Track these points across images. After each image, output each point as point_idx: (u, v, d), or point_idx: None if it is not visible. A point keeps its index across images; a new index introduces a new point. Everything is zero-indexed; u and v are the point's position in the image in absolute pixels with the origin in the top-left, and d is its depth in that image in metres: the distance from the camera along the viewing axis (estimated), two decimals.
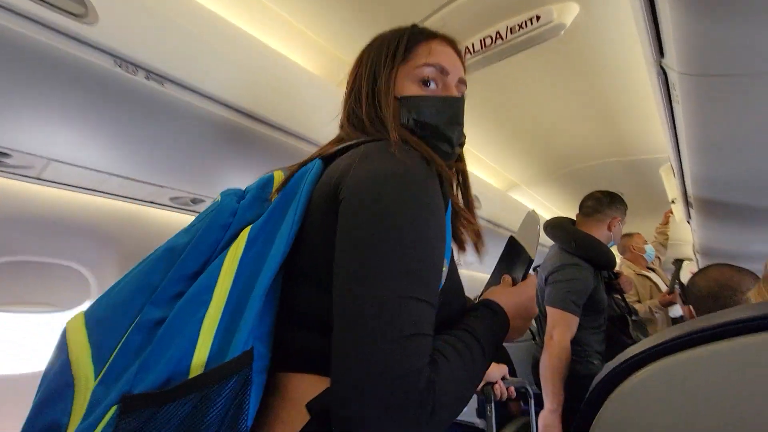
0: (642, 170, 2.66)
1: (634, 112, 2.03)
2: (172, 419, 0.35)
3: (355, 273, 0.39)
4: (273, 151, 1.13)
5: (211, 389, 0.36)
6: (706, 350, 0.28)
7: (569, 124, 2.21)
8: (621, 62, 1.63)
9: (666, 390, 0.27)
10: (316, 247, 0.46)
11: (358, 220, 0.42)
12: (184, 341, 0.39)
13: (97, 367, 0.40)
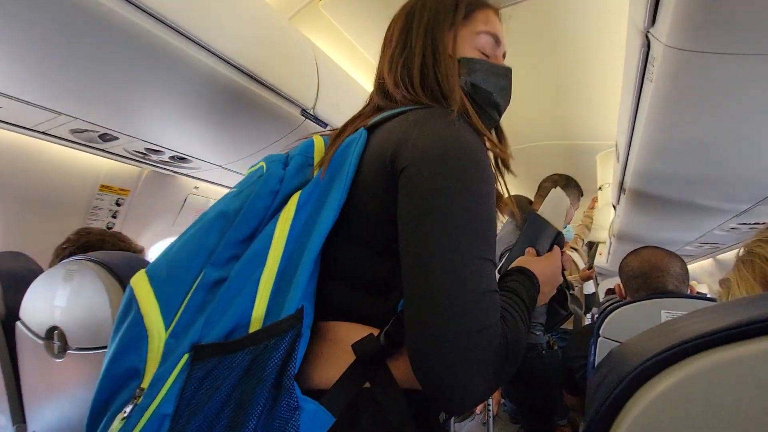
0: (579, 155, 2.80)
1: (582, 98, 2.08)
2: (237, 367, 0.41)
3: (435, 237, 0.42)
4: (204, 82, 0.94)
5: (270, 342, 0.41)
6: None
7: (522, 103, 2.21)
8: (579, 41, 1.62)
9: (722, 389, 0.20)
10: (368, 214, 0.49)
11: (429, 188, 0.43)
12: (244, 299, 0.44)
13: (166, 321, 0.44)
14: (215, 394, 0.40)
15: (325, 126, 1.30)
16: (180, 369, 0.41)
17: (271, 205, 0.50)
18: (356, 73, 1.69)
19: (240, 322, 0.43)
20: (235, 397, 0.40)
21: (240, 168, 1.52)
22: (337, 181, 0.49)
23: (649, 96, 0.93)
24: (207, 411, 0.40)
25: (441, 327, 0.39)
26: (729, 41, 0.66)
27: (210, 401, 0.40)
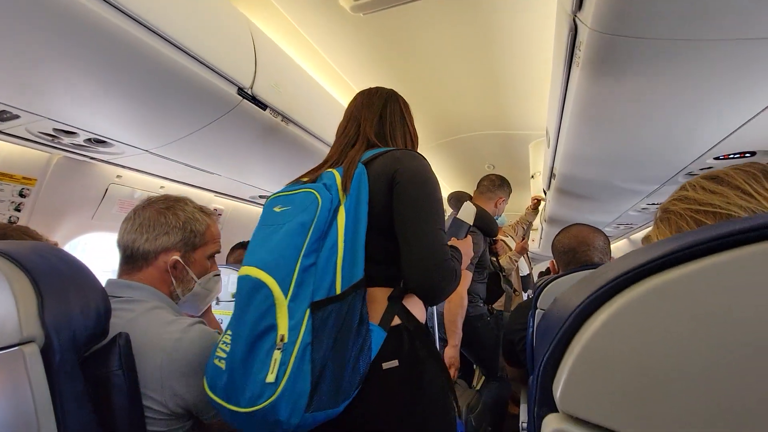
0: (514, 144, 2.96)
1: (516, 89, 2.19)
2: (340, 310, 0.71)
3: (420, 218, 0.79)
4: (126, 53, 0.85)
5: (353, 297, 0.73)
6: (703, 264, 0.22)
7: (458, 94, 2.28)
8: (512, 34, 1.71)
9: (655, 312, 0.21)
10: (380, 211, 0.81)
11: (413, 193, 0.80)
12: (330, 276, 0.72)
13: (284, 292, 0.70)
14: (332, 326, 0.69)
15: (264, 108, 1.24)
16: (307, 318, 0.68)
17: (329, 217, 0.76)
18: (300, 58, 1.63)
19: (332, 288, 0.72)
20: (340, 326, 0.70)
21: (170, 153, 1.40)
22: (362, 195, 0.79)
23: (576, 80, 1.00)
24: (329, 336, 0.69)
25: (428, 259, 0.77)
26: (648, 26, 0.73)
27: (329, 330, 0.69)
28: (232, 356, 0.68)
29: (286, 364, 0.65)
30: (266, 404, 0.64)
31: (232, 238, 2.32)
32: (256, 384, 0.65)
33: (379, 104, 0.97)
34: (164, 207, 0.87)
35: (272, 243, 0.74)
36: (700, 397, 0.24)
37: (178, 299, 0.89)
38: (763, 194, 0.46)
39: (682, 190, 0.55)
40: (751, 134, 1.16)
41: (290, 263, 0.71)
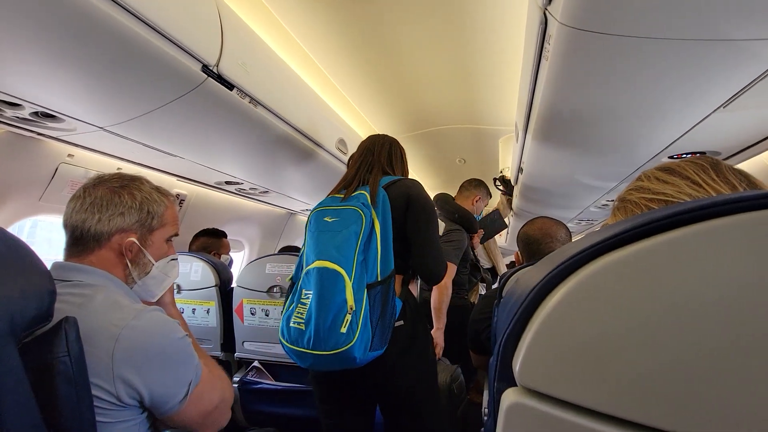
0: (484, 139, 3.01)
1: (487, 84, 2.22)
2: (381, 291, 1.04)
3: (428, 230, 1.16)
4: (76, 18, 0.78)
5: (389, 281, 1.06)
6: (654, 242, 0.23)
7: (430, 88, 2.29)
8: (485, 29, 1.72)
9: (612, 287, 0.22)
10: (397, 224, 1.13)
11: (424, 213, 1.16)
12: (374, 267, 1.05)
13: (349, 277, 1.00)
14: (378, 300, 1.03)
15: (231, 88, 1.19)
16: (365, 294, 1.01)
17: (370, 227, 1.08)
18: (271, 40, 1.57)
19: (376, 275, 1.04)
20: (383, 298, 1.04)
21: (128, 132, 1.32)
22: (386, 212, 1.11)
23: (544, 73, 1.03)
24: (376, 305, 1.02)
25: (430, 259, 1.15)
26: (614, 22, 0.75)
27: (377, 302, 1.02)
28: (317, 319, 0.98)
29: (356, 323, 0.98)
30: (345, 348, 0.96)
31: (195, 225, 2.24)
32: (338, 336, 0.96)
33: (388, 145, 1.31)
34: (118, 186, 0.82)
35: (337, 244, 1.05)
36: (647, 367, 0.25)
37: (134, 283, 0.84)
38: (710, 184, 0.49)
39: (638, 181, 0.58)
40: (702, 135, 1.23)
41: (350, 259, 1.02)
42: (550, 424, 0.27)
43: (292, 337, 1.02)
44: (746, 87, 0.93)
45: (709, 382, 0.24)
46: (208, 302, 1.76)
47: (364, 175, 1.21)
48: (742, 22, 0.72)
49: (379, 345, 1.02)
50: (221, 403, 0.83)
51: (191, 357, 0.77)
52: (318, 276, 1.02)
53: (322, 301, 0.99)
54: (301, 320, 1.01)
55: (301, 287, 1.07)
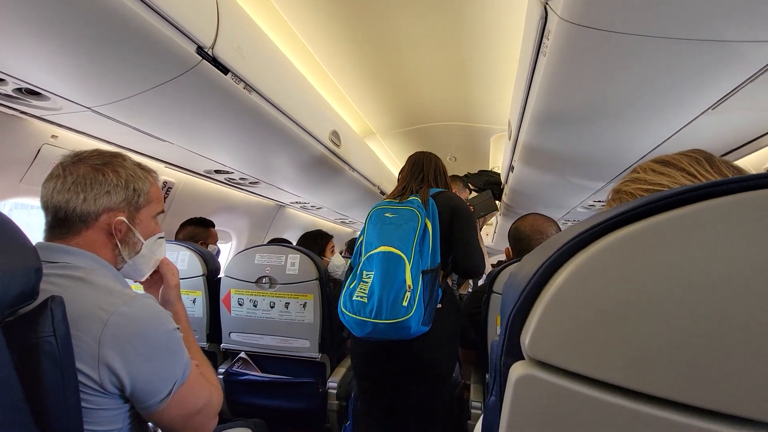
0: (475, 137, 3.03)
1: (482, 81, 2.24)
2: (431, 277, 1.23)
3: (470, 234, 1.38)
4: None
5: (436, 271, 1.26)
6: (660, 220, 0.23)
7: (425, 84, 2.29)
8: (482, 27, 1.73)
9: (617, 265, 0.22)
10: (443, 228, 1.35)
11: (467, 221, 1.39)
12: (427, 258, 1.25)
13: (408, 260, 1.19)
14: (428, 284, 1.22)
15: (226, 72, 1.16)
16: (420, 278, 1.20)
17: (423, 225, 1.27)
18: (267, 27, 1.54)
19: (427, 264, 1.24)
20: (432, 284, 1.23)
21: (117, 113, 1.28)
22: (435, 217, 1.31)
23: (542, 69, 1.04)
24: (427, 288, 1.21)
25: (473, 257, 1.36)
26: (614, 19, 0.76)
27: (428, 286, 1.21)
28: (381, 293, 1.17)
29: (413, 299, 1.16)
30: (404, 319, 1.14)
31: (182, 214, 2.19)
32: (400, 309, 1.15)
33: (434, 162, 1.55)
34: (101, 163, 0.79)
35: (399, 235, 1.24)
36: (654, 339, 0.26)
37: (123, 263, 0.82)
38: (705, 176, 0.51)
39: (634, 173, 0.59)
40: (690, 136, 1.26)
41: (410, 247, 1.21)
42: (559, 394, 0.28)
43: (355, 309, 1.20)
44: (735, 89, 0.96)
45: (715, 353, 0.25)
46: (194, 292, 1.73)
47: (415, 186, 1.45)
48: (734, 22, 0.74)
49: (427, 321, 1.21)
50: (206, 409, 0.80)
51: (179, 352, 0.75)
52: (383, 258, 1.21)
53: (386, 279, 1.18)
54: (364, 295, 1.20)
55: (362, 269, 1.26)
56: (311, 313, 1.60)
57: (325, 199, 3.00)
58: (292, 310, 1.61)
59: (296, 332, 1.62)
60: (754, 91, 0.96)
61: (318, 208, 3.30)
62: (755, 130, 1.20)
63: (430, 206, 1.32)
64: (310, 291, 1.60)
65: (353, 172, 2.36)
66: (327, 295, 1.63)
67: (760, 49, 0.80)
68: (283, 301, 1.62)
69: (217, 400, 0.85)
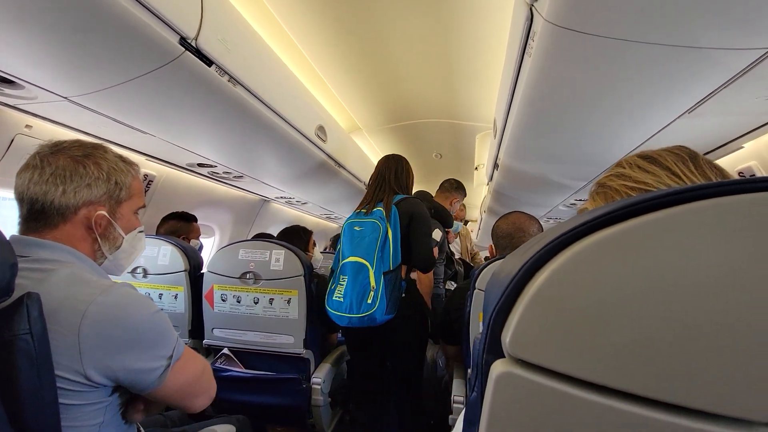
0: (461, 135, 3.05)
1: (468, 79, 2.25)
2: (393, 276, 1.52)
3: (423, 238, 1.62)
4: None
5: (397, 269, 1.54)
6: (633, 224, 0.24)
7: (411, 80, 2.29)
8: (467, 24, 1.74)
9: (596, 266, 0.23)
10: (403, 232, 1.59)
11: (422, 225, 1.63)
12: (388, 261, 1.51)
13: (370, 266, 1.49)
14: (390, 282, 1.49)
15: (210, 64, 1.14)
16: (382, 279, 1.47)
17: (385, 234, 1.52)
18: (253, 20, 1.51)
19: (389, 266, 1.50)
20: (393, 281, 1.51)
21: (95, 104, 1.24)
22: (396, 223, 1.57)
23: (527, 70, 1.05)
24: (389, 286, 1.49)
25: (423, 255, 1.62)
26: (597, 23, 0.78)
27: (390, 283, 1.49)
28: (351, 294, 1.47)
29: (376, 296, 1.45)
30: (370, 312, 1.44)
31: (164, 208, 2.15)
32: (366, 305, 1.45)
33: (394, 167, 1.74)
34: (81, 155, 0.76)
35: (364, 246, 1.52)
36: (629, 338, 0.27)
37: (104, 258, 0.80)
38: (688, 176, 0.52)
39: (619, 167, 0.59)
40: (667, 139, 1.30)
41: (372, 255, 1.49)
42: (537, 391, 0.29)
43: (335, 306, 1.51)
44: (710, 94, 1.00)
45: (682, 352, 0.26)
46: (176, 287, 1.70)
47: (380, 195, 1.68)
48: (710, 31, 0.77)
49: (391, 311, 1.49)
50: (205, 374, 0.82)
51: (168, 331, 0.74)
52: (352, 267, 1.51)
53: (355, 283, 1.48)
54: (341, 295, 1.51)
55: (339, 274, 1.56)
56: (295, 309, 1.59)
57: (311, 195, 2.98)
58: (276, 306, 1.60)
59: (280, 328, 1.61)
60: (728, 96, 0.99)
61: (303, 203, 3.27)
62: (729, 133, 1.25)
63: (393, 214, 1.58)
64: (294, 287, 1.59)
65: (339, 167, 2.35)
66: (311, 291, 1.62)
67: (733, 57, 0.83)
68: (267, 297, 1.60)
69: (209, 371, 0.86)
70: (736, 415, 0.27)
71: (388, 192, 1.68)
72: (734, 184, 0.26)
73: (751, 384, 0.26)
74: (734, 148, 1.35)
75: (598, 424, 0.28)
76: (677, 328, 0.26)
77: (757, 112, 1.09)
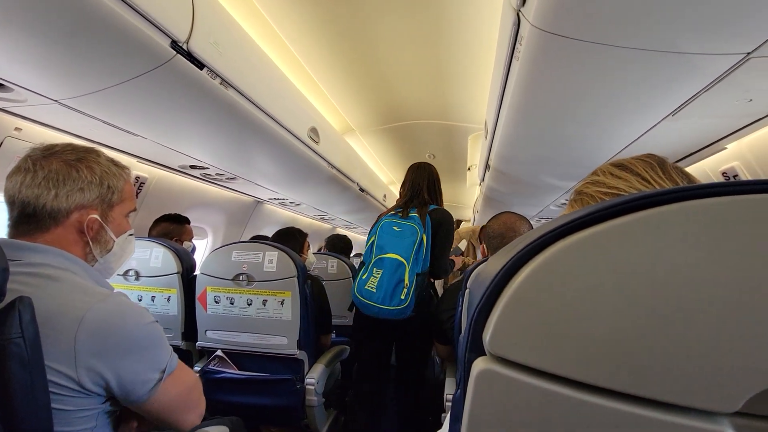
0: (454, 136, 3.07)
1: (461, 81, 2.27)
2: (422, 277, 1.68)
3: (443, 247, 1.78)
4: None
5: (426, 273, 1.72)
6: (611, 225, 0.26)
7: (405, 82, 2.31)
8: (460, 27, 1.76)
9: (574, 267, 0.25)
10: (433, 239, 1.74)
11: (446, 237, 1.79)
12: (421, 264, 1.68)
13: (407, 265, 1.64)
14: (421, 282, 1.67)
15: (201, 67, 1.15)
16: (415, 278, 1.63)
17: (420, 238, 1.67)
18: (245, 23, 1.52)
19: (419, 268, 1.66)
20: (421, 283, 1.68)
21: (86, 107, 1.24)
22: (429, 231, 1.71)
23: (515, 74, 1.07)
24: (419, 286, 1.65)
25: (443, 263, 1.79)
26: (581, 28, 0.79)
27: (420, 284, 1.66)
28: (387, 287, 1.60)
29: (408, 294, 1.59)
30: (402, 307, 1.58)
31: (156, 210, 2.14)
32: (400, 300, 1.59)
33: (426, 179, 1.86)
34: (74, 159, 0.77)
35: (403, 246, 1.66)
36: (599, 335, 0.28)
37: (95, 261, 0.81)
38: (657, 180, 0.55)
39: (594, 176, 0.63)
40: (651, 142, 1.33)
41: (410, 255, 1.63)
42: (515, 387, 0.30)
43: (365, 295, 1.64)
44: (692, 98, 1.02)
45: (648, 348, 0.28)
46: (169, 290, 1.70)
47: (414, 202, 1.82)
48: (691, 36, 0.79)
49: (414, 309, 1.63)
50: (195, 389, 0.82)
51: (161, 343, 0.75)
52: (391, 263, 1.65)
53: (392, 278, 1.62)
54: (374, 286, 1.64)
55: (373, 266, 1.68)
56: (289, 310, 1.60)
57: (304, 196, 2.98)
58: (269, 307, 1.61)
59: (274, 329, 1.61)
60: (709, 100, 1.02)
61: (297, 204, 3.28)
62: (711, 135, 1.28)
63: (428, 223, 1.72)
64: (288, 288, 1.60)
65: (332, 169, 2.35)
66: (305, 293, 1.63)
67: (713, 62, 0.85)
68: (261, 299, 1.61)
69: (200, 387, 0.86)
70: (701, 407, 0.28)
71: (421, 200, 1.83)
72: (696, 189, 0.28)
73: (713, 377, 0.27)
74: (717, 149, 1.39)
75: (572, 418, 0.30)
76: (645, 325, 0.28)
77: (738, 114, 1.12)
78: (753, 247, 0.26)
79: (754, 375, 0.27)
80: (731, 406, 0.27)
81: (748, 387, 0.27)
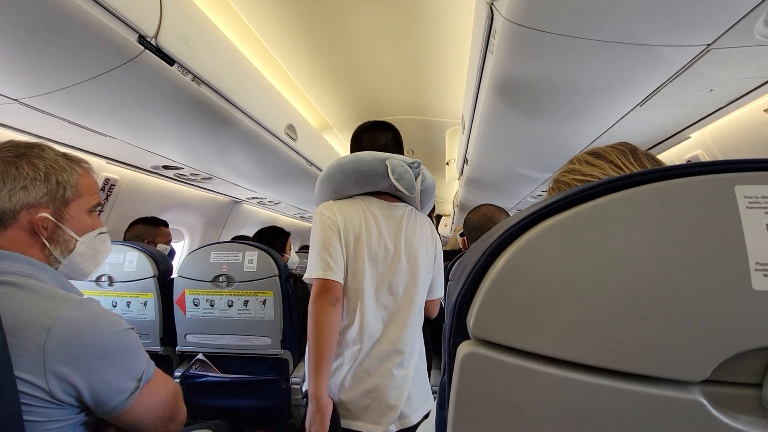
0: (431, 131, 3.09)
1: (437, 76, 2.28)
2: None
3: None
4: None
5: None
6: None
7: (380, 77, 2.31)
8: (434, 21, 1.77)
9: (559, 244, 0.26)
10: None
11: None
12: None
13: None
14: None
15: (172, 63, 1.11)
16: None
17: None
18: (216, 17, 1.48)
19: None
20: None
21: (49, 106, 1.18)
22: None
23: (490, 66, 1.09)
24: None
25: None
26: (551, 21, 0.81)
27: None
28: None
29: None
30: None
31: (128, 213, 2.07)
32: None
33: None
34: (13, 156, 0.72)
35: None
36: (578, 314, 0.30)
37: (58, 263, 0.77)
38: (629, 167, 0.58)
39: (570, 164, 0.65)
40: (621, 132, 1.38)
41: None
42: (500, 368, 0.31)
43: None
44: (658, 88, 1.06)
45: (625, 323, 0.29)
46: (145, 294, 1.65)
47: None
48: (656, 29, 0.82)
49: None
50: (176, 396, 0.80)
51: (136, 350, 0.73)
52: None
53: None
54: None
55: None
56: (271, 309, 1.58)
57: (283, 195, 2.94)
58: (251, 307, 1.58)
59: (257, 330, 1.59)
60: (674, 90, 1.07)
61: (276, 203, 3.23)
62: (676, 124, 1.34)
63: None
64: (269, 287, 1.58)
65: (311, 166, 2.33)
66: (287, 291, 1.62)
67: (676, 53, 0.89)
68: (242, 299, 1.58)
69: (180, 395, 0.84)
70: (673, 377, 0.30)
71: None
72: (658, 171, 0.29)
73: (682, 349, 0.29)
74: (683, 138, 1.45)
75: (554, 395, 0.31)
76: (617, 302, 0.29)
77: (700, 104, 1.17)
78: (702, 224, 0.28)
79: (718, 345, 0.29)
80: (700, 375, 0.29)
81: (714, 356, 0.29)
